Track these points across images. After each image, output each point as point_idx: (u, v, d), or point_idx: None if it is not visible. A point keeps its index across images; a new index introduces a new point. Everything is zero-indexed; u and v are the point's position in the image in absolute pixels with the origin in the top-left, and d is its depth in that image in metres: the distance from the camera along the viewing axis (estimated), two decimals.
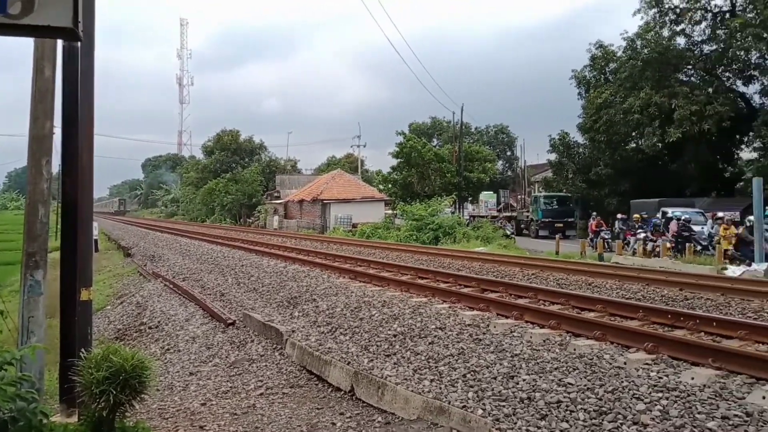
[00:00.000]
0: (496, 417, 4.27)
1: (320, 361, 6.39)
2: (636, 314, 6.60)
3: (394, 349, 6.18)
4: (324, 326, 7.65)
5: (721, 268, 13.29)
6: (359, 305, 8.13)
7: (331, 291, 9.49)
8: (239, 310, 9.75)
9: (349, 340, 6.82)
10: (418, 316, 7.17)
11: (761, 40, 26.48)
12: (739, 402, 3.92)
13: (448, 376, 5.16)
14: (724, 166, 33.85)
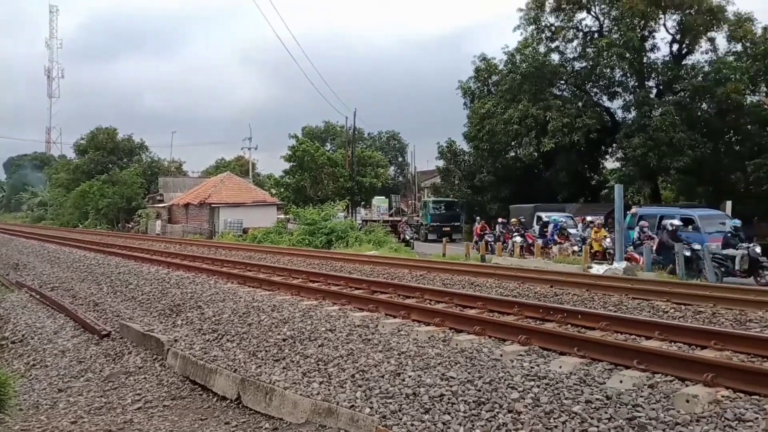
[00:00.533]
0: (383, 414, 4.38)
1: (205, 369, 6.18)
2: (512, 309, 7.05)
3: (284, 354, 6.12)
4: (210, 334, 7.40)
5: (587, 266, 14.50)
6: (248, 310, 7.96)
7: (218, 297, 9.21)
8: (115, 320, 9.18)
9: (237, 347, 6.66)
10: (308, 319, 7.15)
11: (624, 60, 29.25)
12: (600, 386, 4.30)
13: (337, 378, 5.21)
14: (591, 175, 36.93)
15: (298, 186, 41.10)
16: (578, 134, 29.34)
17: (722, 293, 8.66)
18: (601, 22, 32.27)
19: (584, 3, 31.81)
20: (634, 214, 19.19)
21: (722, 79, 27.28)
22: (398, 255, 19.93)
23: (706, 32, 29.85)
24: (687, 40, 30.82)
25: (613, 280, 10.83)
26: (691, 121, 28.33)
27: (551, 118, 29.80)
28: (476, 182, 36.51)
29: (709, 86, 27.80)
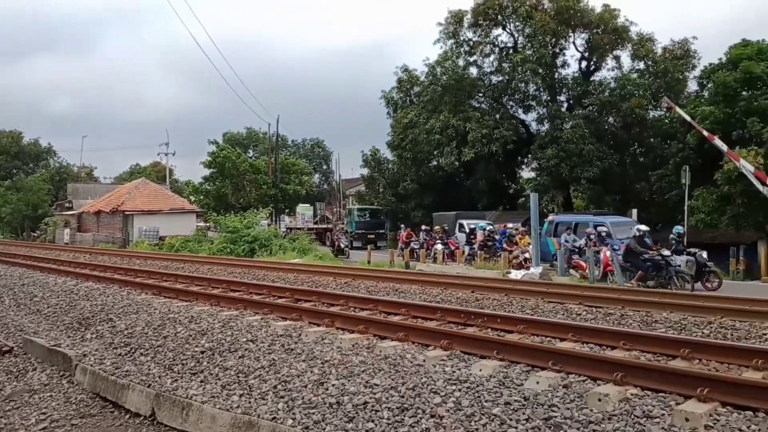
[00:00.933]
0: (306, 425, 4.30)
1: (116, 385, 5.84)
2: (435, 315, 7.15)
3: (202, 367, 5.89)
4: (122, 347, 7.01)
5: (506, 272, 15.01)
6: (163, 322, 7.62)
7: (131, 309, 8.75)
8: (18, 335, 8.51)
9: (151, 361, 6.35)
10: (228, 329, 6.94)
11: (537, 75, 30.69)
12: (518, 388, 4.42)
13: (258, 389, 5.06)
14: (509, 184, 38.37)
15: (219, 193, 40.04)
16: (496, 145, 30.48)
17: (630, 296, 9.23)
18: (516, 38, 33.78)
19: (500, 20, 33.22)
20: (551, 221, 20.00)
21: (627, 95, 29.20)
22: (323, 263, 19.81)
23: (611, 50, 31.94)
24: (594, 58, 32.81)
25: (530, 284, 11.27)
26: (599, 133, 30.11)
27: (471, 129, 30.77)
28: (400, 190, 37.02)
29: (615, 101, 29.68)
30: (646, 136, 30.86)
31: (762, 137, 22.03)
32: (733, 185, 22.16)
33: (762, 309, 7.61)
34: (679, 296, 9.79)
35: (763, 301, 9.26)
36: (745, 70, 24.10)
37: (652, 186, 28.82)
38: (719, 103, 24.70)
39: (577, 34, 32.53)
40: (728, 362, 4.97)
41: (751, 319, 7.10)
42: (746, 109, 23.50)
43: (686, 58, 30.43)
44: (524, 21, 32.03)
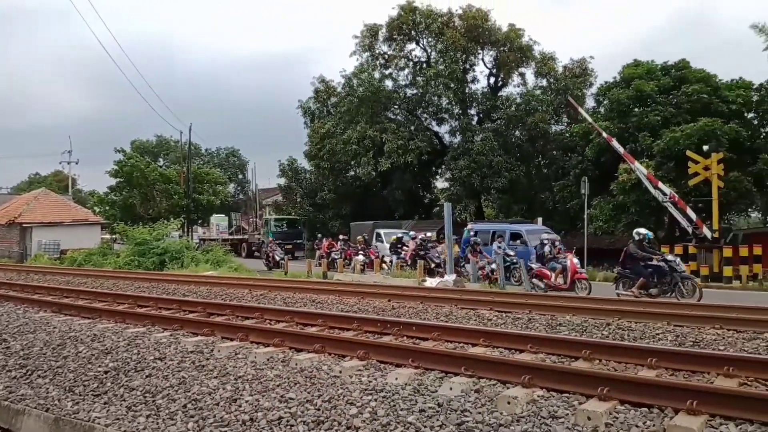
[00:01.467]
0: None
1: (10, 411, 5.41)
2: (351, 325, 7.17)
3: (105, 387, 5.58)
4: (17, 370, 6.50)
5: (421, 280, 15.30)
6: (63, 342, 7.14)
7: (27, 328, 8.14)
8: None
9: (50, 383, 5.93)
10: (134, 347, 6.62)
11: (449, 89, 31.70)
12: (433, 395, 4.51)
13: (166, 409, 4.86)
14: (424, 194, 39.22)
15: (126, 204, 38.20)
16: (411, 156, 31.15)
17: (536, 300, 9.66)
18: (429, 53, 34.81)
19: (413, 35, 34.13)
20: (470, 229, 20.40)
21: (531, 110, 30.77)
22: (238, 275, 19.31)
23: (517, 68, 33.62)
24: (502, 74, 34.40)
25: (444, 292, 11.56)
26: (507, 146, 31.50)
27: (387, 140, 31.27)
28: (318, 200, 36.88)
29: (521, 116, 31.19)
30: (549, 149, 32.59)
31: (652, 150, 23.90)
32: (627, 195, 23.85)
33: (654, 310, 8.21)
34: (580, 300, 10.39)
35: (655, 302, 10.05)
36: (636, 89, 26.13)
37: (555, 196, 30.45)
38: (614, 118, 26.60)
39: (486, 51, 33.97)
40: (625, 362, 5.29)
41: (645, 320, 7.59)
42: (638, 124, 25.43)
43: (584, 76, 32.50)
44: (436, 37, 33.05)
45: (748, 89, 25.95)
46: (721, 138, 22.22)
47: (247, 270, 22.92)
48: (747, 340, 6.38)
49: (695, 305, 9.34)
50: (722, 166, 19.27)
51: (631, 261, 13.08)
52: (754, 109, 26.37)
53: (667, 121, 24.69)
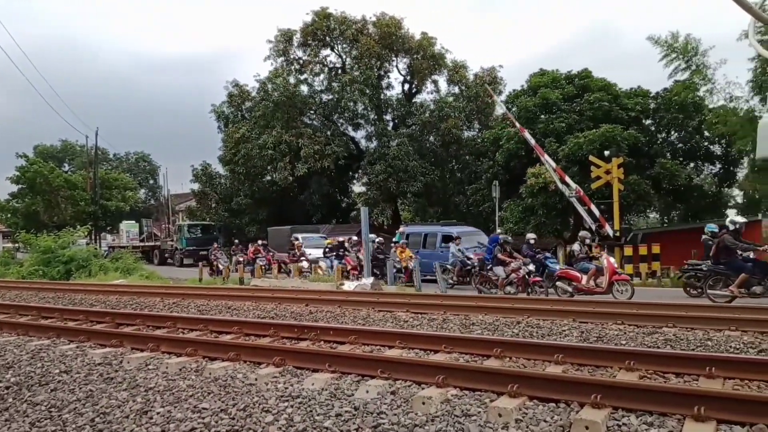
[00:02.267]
0: None
1: None
2: (268, 331, 7.06)
3: (7, 404, 5.20)
4: None
5: (339, 284, 15.28)
6: None
7: None
8: None
9: None
10: (38, 361, 6.21)
11: (364, 95, 32.01)
12: (349, 399, 4.52)
13: (73, 424, 4.58)
14: (342, 198, 39.29)
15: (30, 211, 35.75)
16: (328, 160, 31.18)
17: (451, 301, 9.92)
18: (344, 60, 35.00)
19: (328, 41, 34.22)
20: (402, 232, 20.38)
21: (444, 116, 31.63)
22: (150, 283, 18.48)
23: (430, 75, 34.49)
24: (416, 81, 35.15)
25: (362, 295, 11.62)
26: (422, 151, 32.20)
27: (303, 145, 31.09)
28: (233, 205, 36.04)
29: (435, 122, 31.99)
30: (462, 154, 33.60)
31: (558, 155, 25.23)
32: (535, 198, 25.03)
33: (561, 308, 8.63)
34: (491, 299, 10.76)
35: (562, 300, 10.60)
36: (542, 96, 27.53)
37: (468, 199, 31.42)
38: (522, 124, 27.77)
39: (400, 58, 34.56)
40: (534, 358, 5.52)
41: (552, 318, 7.97)
42: (545, 131, 26.77)
43: (494, 84, 33.80)
44: (351, 44, 33.28)
45: (645, 97, 28.00)
46: (621, 143, 23.84)
47: (159, 278, 21.99)
48: (646, 334, 6.80)
49: (598, 302, 9.93)
50: (622, 170, 20.64)
51: (726, 254, 11.37)
52: (651, 116, 28.49)
53: (571, 127, 26.15)
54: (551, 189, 24.11)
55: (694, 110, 26.14)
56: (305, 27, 33.44)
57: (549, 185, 23.98)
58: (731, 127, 20.28)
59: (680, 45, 21.50)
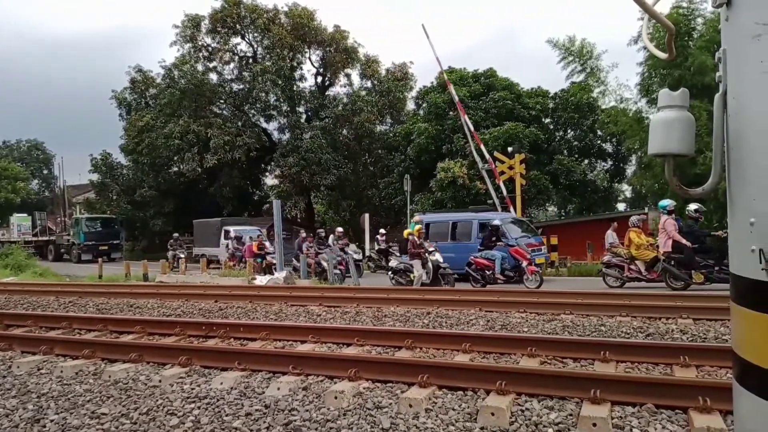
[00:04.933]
0: None
1: None
2: (174, 330, 6.79)
3: None
4: None
5: (251, 278, 14.96)
6: None
7: None
8: None
9: None
10: None
11: (276, 86, 31.44)
12: (259, 397, 4.44)
13: None
14: (254, 191, 38.46)
15: None
16: (239, 152, 30.35)
17: (363, 294, 9.98)
18: (255, 49, 34.17)
19: (238, 29, 33.24)
20: (420, 221, 16.80)
21: (357, 110, 31.72)
22: (44, 280, 17.21)
23: (343, 68, 34.42)
24: (329, 74, 34.98)
25: (274, 289, 11.43)
26: (335, 144, 32.13)
27: (213, 135, 30.07)
28: (137, 197, 34.33)
29: (348, 115, 31.99)
30: (374, 148, 33.86)
31: (465, 151, 26.04)
32: (445, 191, 25.70)
33: (468, 298, 8.92)
34: (404, 291, 10.95)
35: (469, 290, 10.96)
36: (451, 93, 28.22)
37: (381, 192, 31.76)
38: (432, 120, 28.52)
39: (313, 50, 34.23)
40: (444, 348, 5.68)
41: (460, 308, 8.20)
42: (453, 127, 27.53)
43: (405, 80, 34.28)
44: (262, 33, 32.52)
45: (545, 97, 29.49)
46: (523, 140, 25.00)
47: (55, 275, 20.53)
48: (546, 321, 7.16)
49: (502, 291, 10.36)
50: (524, 165, 21.65)
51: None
52: (550, 115, 30.04)
53: (478, 124, 27.05)
54: (460, 183, 24.87)
55: (589, 110, 27.87)
56: (214, 13, 32.27)
57: (458, 179, 24.73)
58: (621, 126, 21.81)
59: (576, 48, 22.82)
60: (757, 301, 1.49)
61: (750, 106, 1.53)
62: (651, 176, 20.26)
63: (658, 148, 1.76)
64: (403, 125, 31.09)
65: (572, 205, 31.37)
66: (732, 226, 1.67)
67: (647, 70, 21.10)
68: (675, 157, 1.79)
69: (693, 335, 6.16)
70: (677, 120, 1.75)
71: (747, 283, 1.54)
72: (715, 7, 1.67)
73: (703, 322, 6.72)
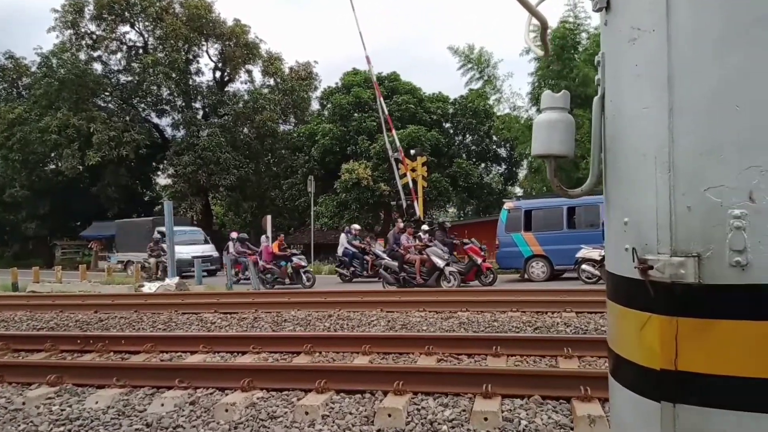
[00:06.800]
0: None
1: None
2: (43, 345, 6.08)
3: None
4: None
5: (138, 286, 13.99)
6: None
7: None
8: None
9: None
10: None
11: (170, 79, 29.88)
12: (140, 415, 4.04)
13: None
14: (144, 191, 36.34)
15: None
16: (127, 149, 28.56)
17: (262, 298, 9.59)
18: (146, 39, 32.35)
19: (127, 17, 31.29)
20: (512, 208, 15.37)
21: (259, 108, 30.91)
22: None
23: (244, 64, 33.39)
24: (228, 69, 33.80)
25: (164, 297, 10.71)
26: (235, 143, 31.07)
27: (96, 130, 28.03)
28: (6, 198, 31.25)
29: (249, 113, 31.09)
30: (277, 148, 33.15)
31: (370, 152, 26.12)
32: (349, 193, 25.64)
33: (370, 299, 8.83)
34: (304, 294, 10.68)
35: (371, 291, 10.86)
36: (355, 95, 28.29)
37: (284, 193, 31.15)
38: (336, 121, 28.37)
39: (211, 43, 32.94)
40: (344, 351, 5.54)
41: (362, 309, 8.12)
42: (357, 128, 27.55)
43: (309, 80, 33.88)
44: (155, 22, 30.82)
45: (445, 102, 30.29)
46: (425, 143, 25.50)
47: None
48: (444, 319, 7.23)
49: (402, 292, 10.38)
50: (426, 168, 22.03)
51: None
52: (450, 120, 30.93)
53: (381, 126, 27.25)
54: (364, 185, 24.91)
55: (485, 116, 28.99)
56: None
57: (362, 181, 24.76)
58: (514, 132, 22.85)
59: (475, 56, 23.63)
60: (630, 299, 1.54)
61: (625, 109, 1.56)
62: (540, 179, 21.39)
63: (540, 149, 1.76)
64: (307, 125, 30.68)
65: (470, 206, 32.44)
66: (608, 226, 1.71)
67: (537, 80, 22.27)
68: (556, 158, 1.78)
69: (576, 327, 6.47)
70: (559, 121, 1.75)
71: (621, 281, 1.58)
72: (595, 11, 1.68)
73: (584, 315, 7.11)
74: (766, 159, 1.29)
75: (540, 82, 22.01)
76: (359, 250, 16.37)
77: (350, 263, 16.22)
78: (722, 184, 1.33)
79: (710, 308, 1.35)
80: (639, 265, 1.43)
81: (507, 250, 14.80)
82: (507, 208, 15.13)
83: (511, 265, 15.07)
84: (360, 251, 16.33)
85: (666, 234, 1.41)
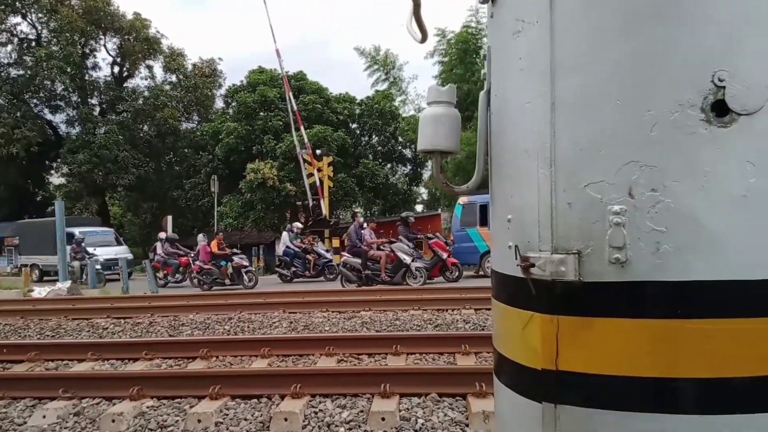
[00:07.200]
0: None
1: None
2: None
3: None
4: None
5: (28, 290, 13.13)
6: None
7: None
8: None
9: None
10: None
11: (65, 74, 28.11)
12: (19, 429, 3.88)
13: None
14: (36, 190, 33.93)
15: None
16: (17, 146, 26.55)
17: (159, 302, 9.31)
18: (39, 31, 30.25)
19: (18, 7, 29.06)
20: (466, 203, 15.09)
21: (160, 105, 29.72)
22: None
23: (144, 59, 31.96)
24: (127, 64, 32.25)
25: (54, 302, 10.18)
26: (134, 141, 29.69)
27: None
28: None
29: (149, 110, 29.81)
30: (180, 146, 31.98)
31: (276, 152, 25.82)
32: (254, 193, 25.20)
33: (272, 300, 8.82)
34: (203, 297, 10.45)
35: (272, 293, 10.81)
36: (261, 94, 27.87)
37: (187, 194, 30.11)
38: (242, 120, 27.82)
39: (109, 37, 31.30)
40: (242, 354, 5.51)
41: (264, 311, 8.07)
42: (263, 128, 27.15)
43: (213, 77, 32.92)
44: (48, 14, 28.85)
45: (352, 103, 30.46)
46: (331, 144, 25.56)
47: None
48: (347, 319, 7.32)
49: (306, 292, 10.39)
50: (332, 168, 22.12)
51: None
52: (357, 121, 31.13)
53: (288, 126, 27.01)
54: (270, 185, 24.61)
55: (391, 117, 29.49)
56: None
57: (268, 181, 24.44)
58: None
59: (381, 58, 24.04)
60: (514, 297, 1.50)
61: (509, 104, 1.52)
62: None
63: (425, 144, 1.70)
64: (211, 124, 29.81)
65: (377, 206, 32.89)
66: (493, 223, 1.69)
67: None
68: (442, 154, 1.73)
69: (474, 324, 6.78)
70: (445, 116, 1.69)
71: (505, 279, 1.54)
72: (481, 3, 1.66)
73: (483, 312, 7.42)
74: (645, 154, 1.24)
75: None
76: (301, 249, 16.07)
77: (291, 263, 15.81)
78: (602, 180, 1.28)
79: (590, 306, 1.31)
80: (521, 263, 1.38)
81: (462, 245, 14.71)
82: (461, 203, 15.01)
83: (466, 261, 14.74)
84: (302, 251, 16.03)
85: (547, 231, 1.36)
